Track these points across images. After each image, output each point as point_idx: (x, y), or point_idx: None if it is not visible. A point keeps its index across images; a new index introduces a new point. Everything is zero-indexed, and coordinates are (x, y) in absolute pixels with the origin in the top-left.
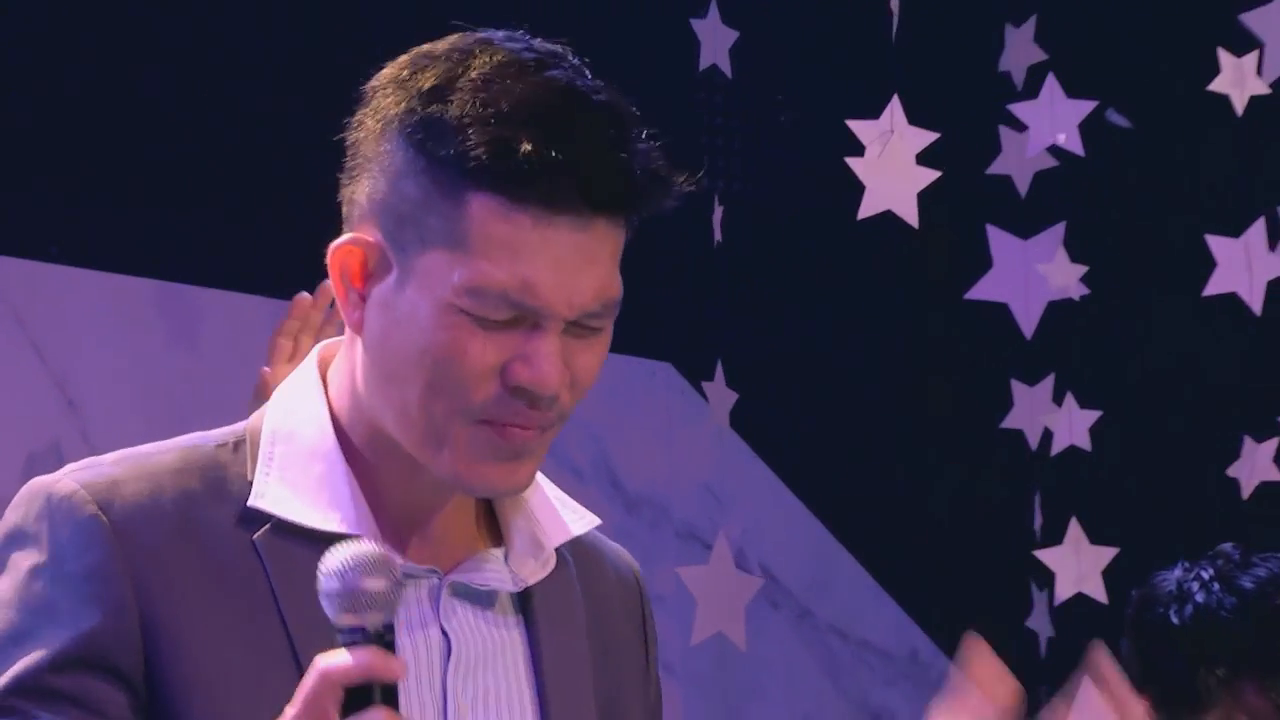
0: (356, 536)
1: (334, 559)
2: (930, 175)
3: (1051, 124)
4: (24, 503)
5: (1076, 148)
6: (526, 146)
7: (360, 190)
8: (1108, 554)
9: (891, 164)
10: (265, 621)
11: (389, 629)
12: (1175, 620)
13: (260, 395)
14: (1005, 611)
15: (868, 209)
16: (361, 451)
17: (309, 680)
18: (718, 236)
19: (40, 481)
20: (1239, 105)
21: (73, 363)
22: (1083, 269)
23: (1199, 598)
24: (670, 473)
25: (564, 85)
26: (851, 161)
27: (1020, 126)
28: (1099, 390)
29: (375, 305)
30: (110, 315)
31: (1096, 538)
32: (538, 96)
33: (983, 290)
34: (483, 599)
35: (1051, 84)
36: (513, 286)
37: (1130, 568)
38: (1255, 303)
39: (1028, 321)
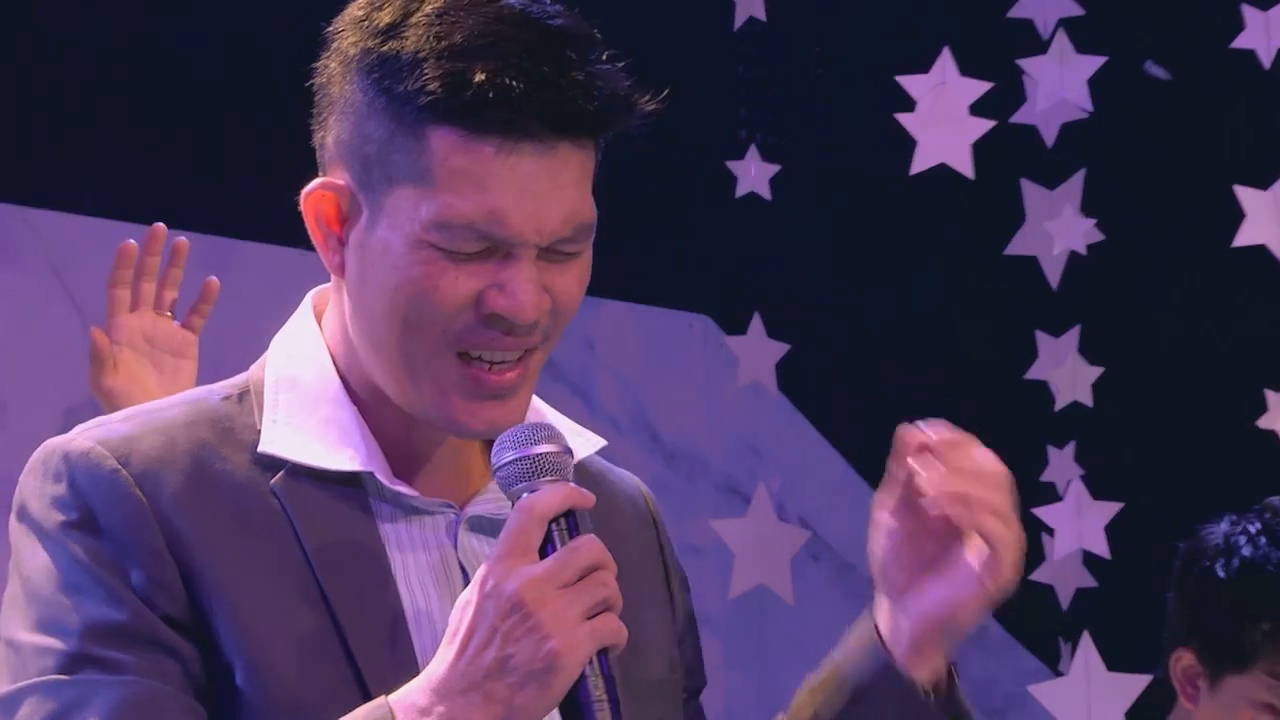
0: (368, 473)
1: (504, 440)
2: (984, 125)
3: (1062, 79)
4: (41, 465)
5: (1084, 103)
6: (480, 77)
7: (329, 134)
8: (1111, 509)
9: (944, 116)
10: (291, 561)
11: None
12: (1221, 574)
13: (95, 356)
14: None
15: (920, 163)
16: (364, 395)
17: (514, 519)
18: (757, 189)
19: (54, 443)
20: (1266, 59)
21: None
22: (1091, 222)
23: (1245, 551)
24: (709, 426)
25: (518, 13)
26: (902, 117)
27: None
28: (1119, 343)
29: (352, 248)
30: None
31: (1118, 493)
32: (491, 26)
33: (1019, 245)
34: (495, 529)
35: (1061, 39)
36: (479, 218)
37: (1142, 523)
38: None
39: (1054, 274)
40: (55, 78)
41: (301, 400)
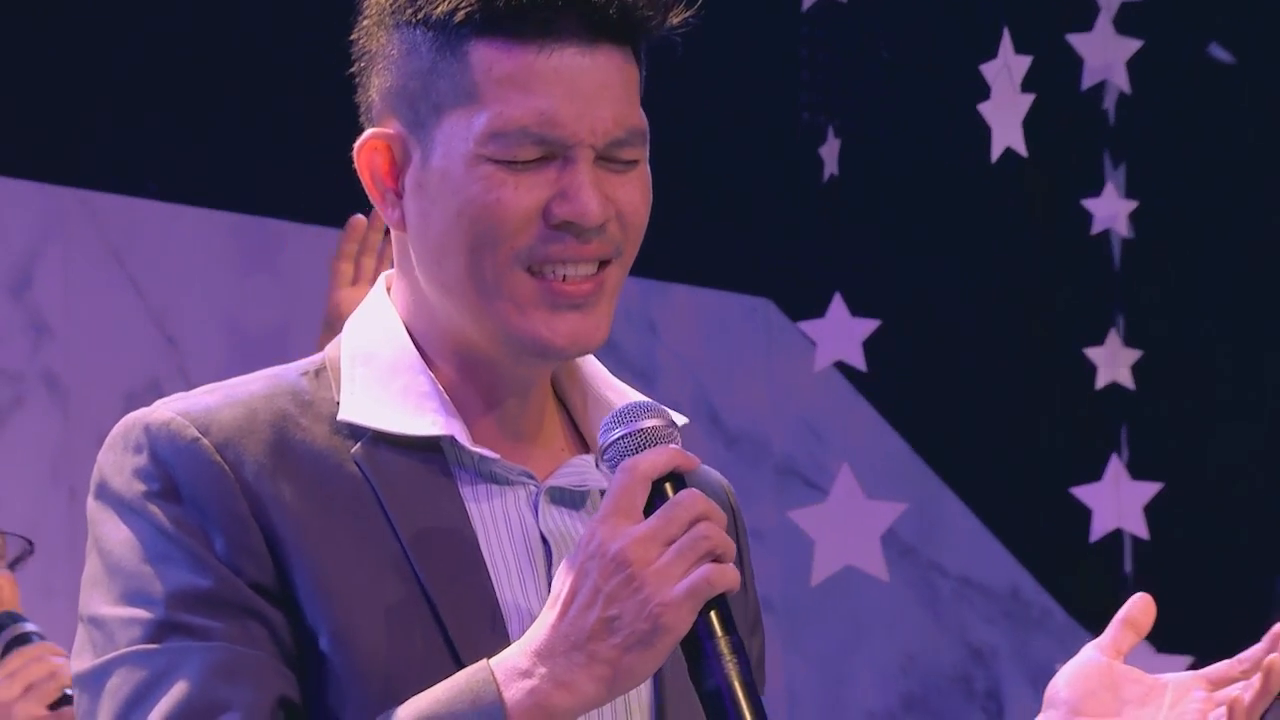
0: (449, 438)
1: (610, 419)
2: (1027, 100)
3: (1104, 59)
4: (121, 437)
5: (1123, 84)
6: None
7: (372, 89)
8: (1149, 489)
9: (1005, 98)
10: (376, 528)
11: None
12: None
13: (329, 324)
14: (1103, 550)
15: (997, 149)
16: (441, 364)
17: (618, 479)
18: (831, 170)
19: (135, 415)
20: None
21: (171, 299)
22: (1132, 204)
23: None
24: (770, 410)
25: None
26: (982, 107)
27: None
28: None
29: (411, 195)
30: (208, 252)
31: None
32: None
33: (1101, 220)
34: (576, 501)
35: (1104, 21)
36: (531, 121)
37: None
38: None
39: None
40: (114, 62)
41: (378, 372)
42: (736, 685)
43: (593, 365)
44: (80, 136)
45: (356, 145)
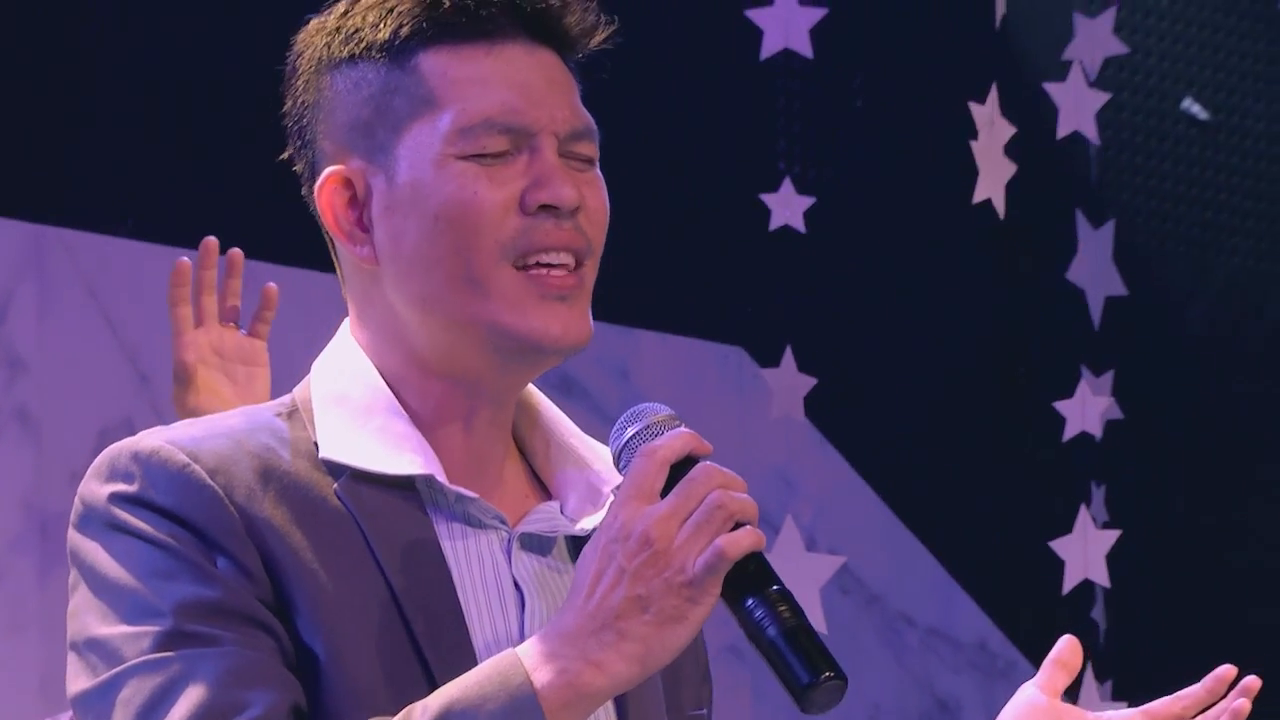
0: (427, 478)
1: (621, 422)
2: (1010, 168)
3: (1077, 111)
4: (108, 466)
5: (1092, 136)
6: None
7: (318, 138)
8: (1111, 537)
9: (991, 152)
10: (360, 557)
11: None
12: None
13: (179, 376)
14: (1072, 601)
15: (980, 194)
16: (416, 407)
17: (637, 464)
18: (791, 222)
19: (120, 445)
20: None
21: (144, 336)
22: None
23: None
24: (741, 457)
25: None
26: (974, 145)
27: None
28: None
29: (380, 221)
30: None
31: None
32: None
33: (1076, 274)
34: (544, 547)
35: (1077, 71)
36: (495, 110)
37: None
38: None
39: (1096, 311)
40: (93, 101)
41: (353, 413)
42: (785, 633)
43: (554, 414)
44: (57, 174)
45: (316, 188)
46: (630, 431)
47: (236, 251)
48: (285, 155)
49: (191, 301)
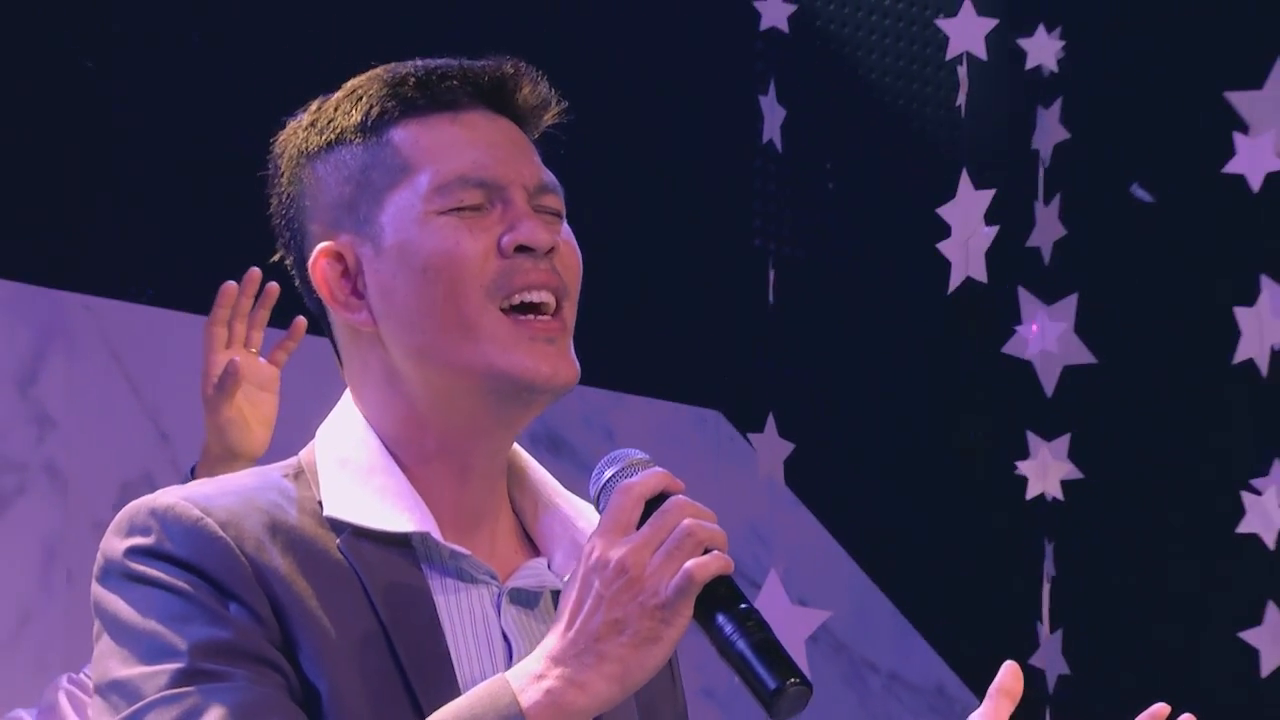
0: (422, 535)
1: (601, 465)
2: (991, 232)
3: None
4: (128, 522)
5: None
6: (415, 74)
7: (307, 224)
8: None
9: (965, 233)
10: (361, 608)
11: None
12: None
13: (225, 385)
14: (1020, 649)
15: (955, 280)
16: (413, 467)
17: (614, 500)
18: (770, 296)
19: (138, 502)
20: (1255, 183)
21: (165, 397)
22: (1063, 325)
23: None
24: (719, 515)
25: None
26: (942, 245)
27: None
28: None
29: (372, 284)
30: (201, 355)
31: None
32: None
33: (1014, 347)
34: (532, 601)
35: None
36: (467, 168)
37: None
38: (1264, 367)
39: (1047, 382)
40: (119, 178)
41: (354, 475)
42: (753, 646)
43: (541, 475)
44: (83, 245)
45: (309, 266)
46: (608, 473)
47: (273, 285)
48: (276, 257)
49: (227, 324)
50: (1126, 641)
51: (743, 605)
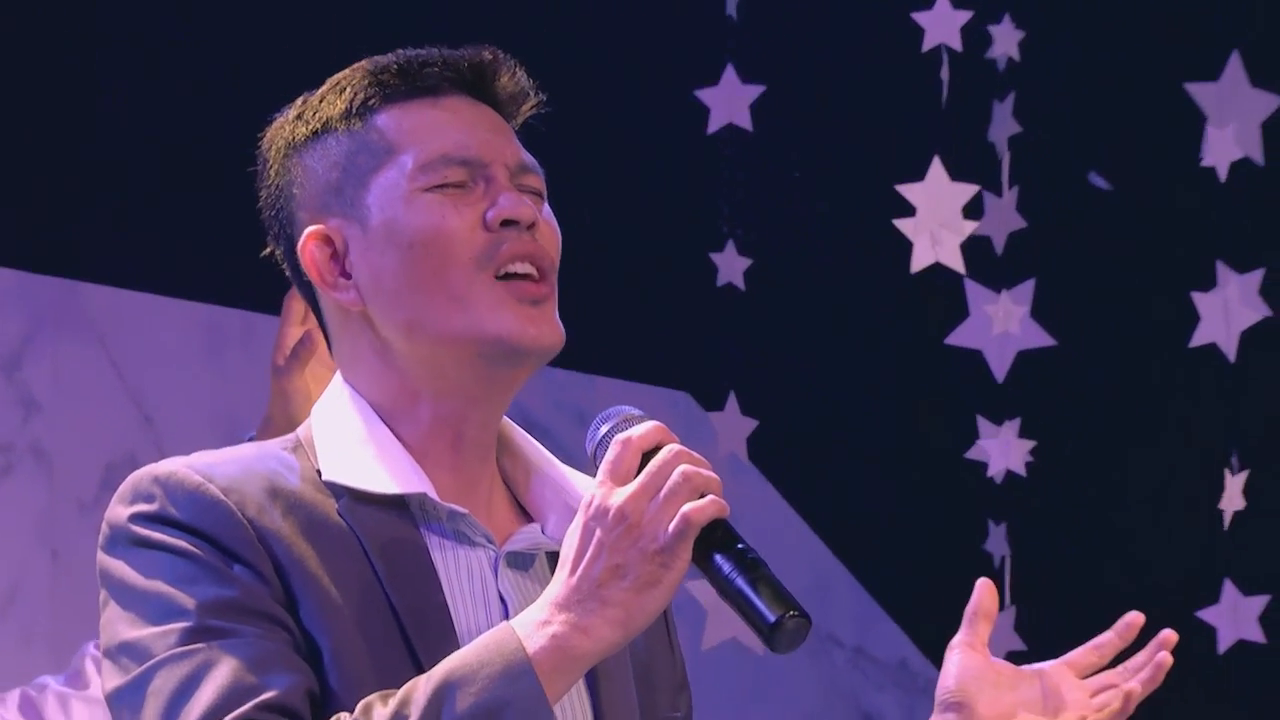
0: (420, 496)
1: (596, 422)
2: (970, 226)
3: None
4: (131, 490)
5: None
6: (396, 62)
7: (295, 211)
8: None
9: (936, 219)
10: (361, 569)
11: None
12: None
13: (302, 352)
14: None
15: (919, 263)
16: (407, 437)
17: (612, 451)
18: (733, 280)
19: (141, 471)
20: (1222, 174)
21: (148, 381)
22: (1022, 309)
23: None
24: None
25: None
26: (900, 223)
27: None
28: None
29: (359, 264)
30: (183, 339)
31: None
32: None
33: (960, 337)
34: (526, 563)
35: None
36: (450, 147)
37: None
38: (1231, 352)
39: (1000, 367)
40: (106, 166)
41: (351, 444)
42: (751, 582)
43: (533, 445)
44: (70, 231)
45: (298, 249)
46: (604, 429)
47: None
48: (266, 251)
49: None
50: (1081, 619)
51: (739, 545)
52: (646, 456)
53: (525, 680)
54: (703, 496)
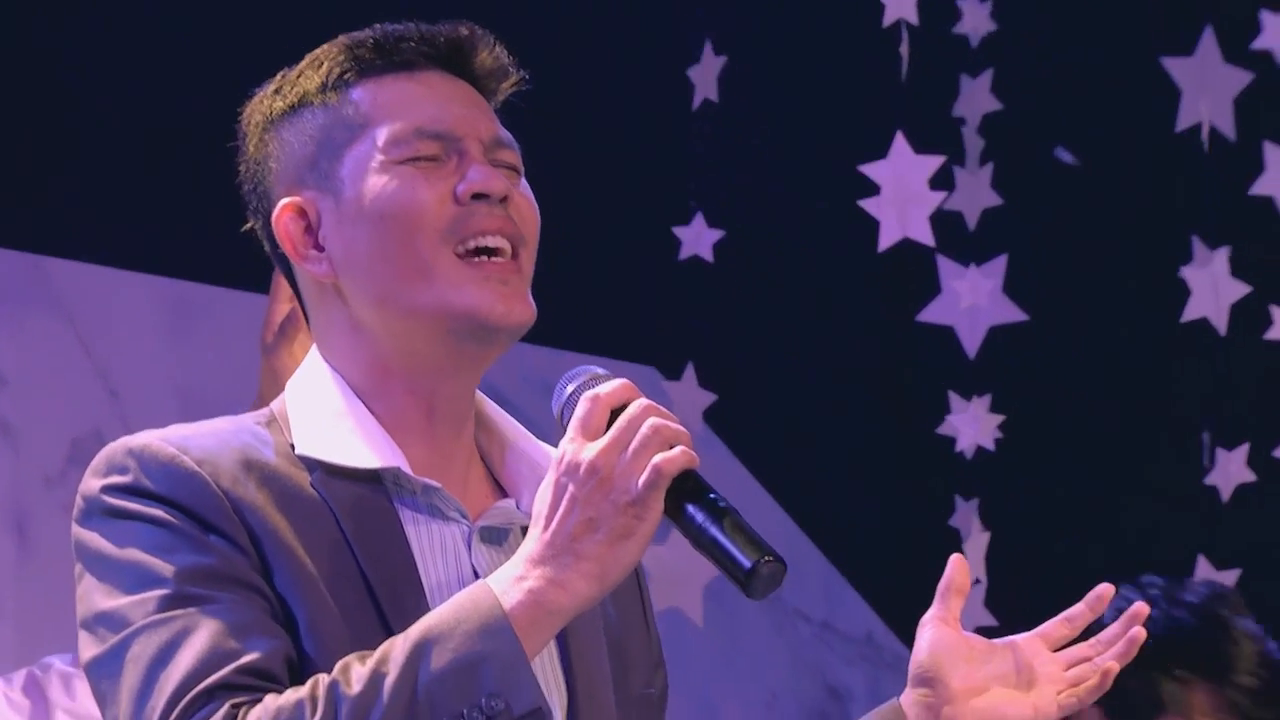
0: (394, 469)
1: (562, 381)
2: (938, 197)
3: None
4: (105, 463)
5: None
6: (372, 36)
7: (271, 185)
8: (984, 539)
9: (903, 194)
10: (335, 541)
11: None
12: None
13: (290, 329)
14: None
15: (887, 240)
16: (381, 412)
17: (581, 408)
18: (700, 252)
19: (115, 444)
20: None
21: (114, 355)
22: (992, 283)
23: (1154, 612)
24: None
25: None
26: (865, 202)
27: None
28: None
29: (332, 236)
30: (149, 314)
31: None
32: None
33: (932, 313)
34: (499, 538)
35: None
36: (424, 121)
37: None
38: (1221, 326)
39: (971, 342)
40: (73, 139)
41: (325, 418)
42: (724, 530)
43: (508, 422)
44: (36, 206)
45: (273, 220)
46: (570, 388)
47: None
48: (246, 227)
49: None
50: (1051, 593)
51: (711, 495)
52: (615, 414)
53: (502, 635)
54: (672, 448)
